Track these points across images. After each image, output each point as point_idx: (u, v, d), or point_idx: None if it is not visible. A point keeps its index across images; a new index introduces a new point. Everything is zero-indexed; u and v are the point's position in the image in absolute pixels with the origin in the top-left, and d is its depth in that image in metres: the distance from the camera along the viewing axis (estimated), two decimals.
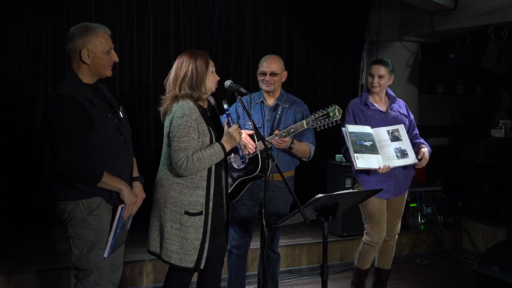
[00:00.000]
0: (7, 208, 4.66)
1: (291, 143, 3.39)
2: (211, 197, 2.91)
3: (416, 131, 3.93)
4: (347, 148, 3.66)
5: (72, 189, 2.56)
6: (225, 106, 2.99)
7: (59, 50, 4.84)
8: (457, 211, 5.90)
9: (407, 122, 3.88)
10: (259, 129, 3.52)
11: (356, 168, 3.54)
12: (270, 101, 3.61)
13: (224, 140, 2.89)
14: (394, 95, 3.98)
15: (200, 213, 2.88)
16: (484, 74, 5.41)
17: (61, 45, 4.83)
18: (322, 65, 6.16)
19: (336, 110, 3.36)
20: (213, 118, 3.02)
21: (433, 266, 5.17)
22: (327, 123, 3.38)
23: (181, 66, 2.88)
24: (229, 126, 2.97)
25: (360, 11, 6.16)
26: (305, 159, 3.61)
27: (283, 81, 3.62)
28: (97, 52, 2.59)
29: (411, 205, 5.50)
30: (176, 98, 2.86)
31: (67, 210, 2.59)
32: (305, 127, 3.37)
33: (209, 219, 2.91)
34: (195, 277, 3.11)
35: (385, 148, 3.64)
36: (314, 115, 3.38)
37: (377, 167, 3.55)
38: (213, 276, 3.11)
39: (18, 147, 4.71)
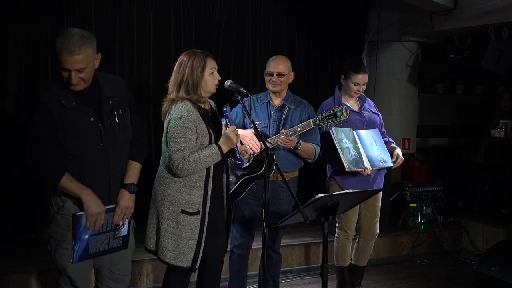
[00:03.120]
0: (7, 208, 4.66)
1: (297, 143, 3.39)
2: (209, 197, 2.91)
3: (384, 129, 4.05)
4: (326, 151, 3.76)
5: (47, 187, 2.66)
6: (224, 108, 2.99)
7: None
8: (457, 211, 5.91)
9: (378, 121, 4.00)
10: (265, 129, 3.53)
11: (346, 170, 3.58)
12: (277, 101, 3.61)
13: (221, 141, 2.89)
14: (364, 94, 4.02)
15: (196, 213, 2.88)
16: (484, 74, 5.41)
17: None
18: (322, 65, 6.16)
19: (344, 110, 3.36)
20: (214, 120, 3.02)
21: (433, 266, 5.17)
22: (334, 123, 3.38)
23: (179, 69, 2.90)
24: (227, 128, 2.97)
25: (360, 11, 6.15)
26: (310, 160, 3.61)
27: (290, 82, 3.63)
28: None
29: (411, 205, 5.51)
30: (174, 101, 2.88)
31: (47, 207, 2.71)
32: (312, 126, 3.38)
33: (206, 219, 2.91)
34: (194, 277, 3.12)
35: (370, 152, 3.74)
36: (321, 115, 3.39)
37: (363, 169, 3.64)
38: (212, 277, 3.11)
39: (18, 147, 4.70)
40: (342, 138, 3.62)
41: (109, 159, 2.67)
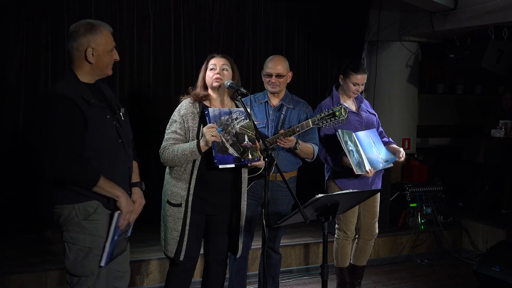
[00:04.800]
0: (7, 208, 4.66)
1: (296, 143, 3.39)
2: (191, 192, 2.93)
3: (381, 129, 4.05)
4: (326, 152, 3.76)
5: (68, 192, 2.49)
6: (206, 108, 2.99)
7: (59, 50, 4.84)
8: (457, 211, 5.90)
9: (375, 121, 3.99)
10: (263, 129, 3.53)
11: (356, 173, 3.58)
12: (275, 101, 3.61)
13: (200, 139, 2.90)
14: (360, 95, 4.02)
15: (179, 205, 2.94)
16: (484, 74, 5.41)
17: (61, 45, 4.83)
18: (322, 65, 6.16)
19: (342, 110, 3.36)
20: None
21: (433, 266, 5.17)
22: (333, 123, 3.38)
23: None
24: None
25: (360, 11, 6.15)
26: (308, 160, 3.61)
27: (288, 81, 3.62)
28: (101, 50, 2.54)
29: (411, 205, 5.50)
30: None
31: (63, 214, 2.51)
32: (311, 126, 3.38)
33: (189, 214, 2.94)
34: (196, 277, 3.12)
35: (370, 154, 3.72)
36: (320, 115, 3.38)
37: (366, 172, 3.62)
38: (214, 279, 3.14)
39: (18, 147, 4.71)
40: (347, 141, 3.61)
41: (127, 156, 2.67)
